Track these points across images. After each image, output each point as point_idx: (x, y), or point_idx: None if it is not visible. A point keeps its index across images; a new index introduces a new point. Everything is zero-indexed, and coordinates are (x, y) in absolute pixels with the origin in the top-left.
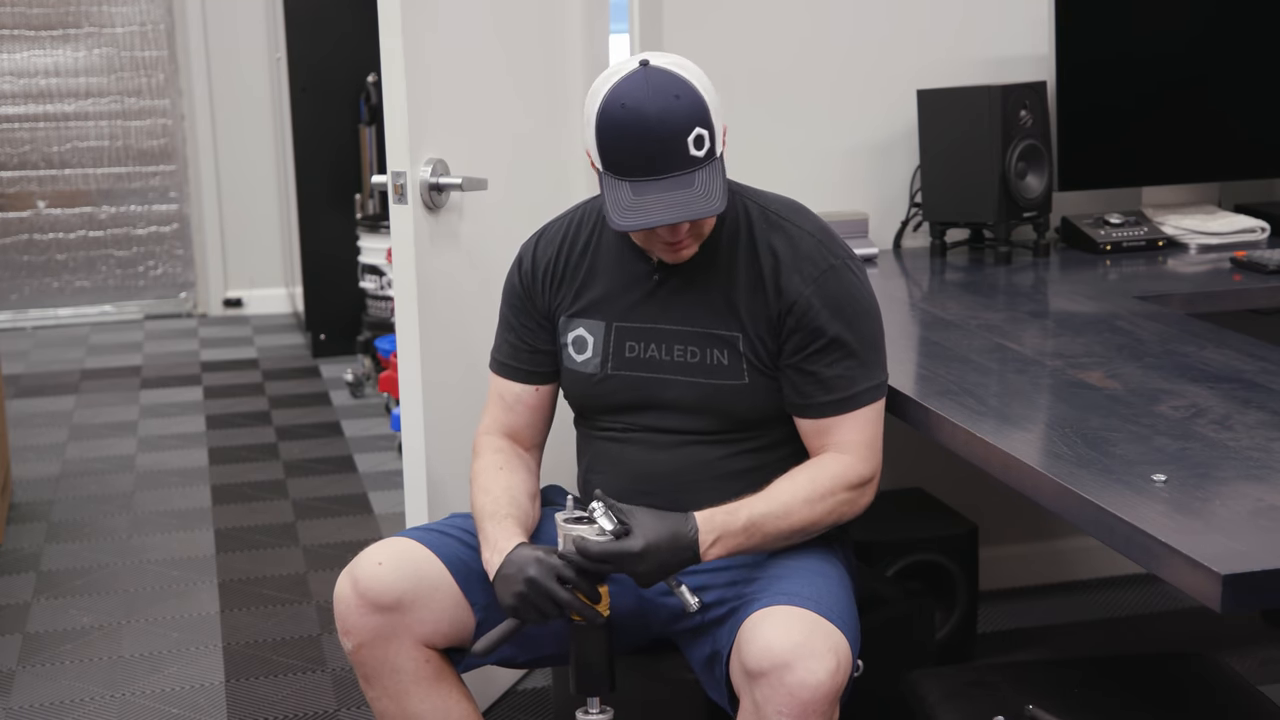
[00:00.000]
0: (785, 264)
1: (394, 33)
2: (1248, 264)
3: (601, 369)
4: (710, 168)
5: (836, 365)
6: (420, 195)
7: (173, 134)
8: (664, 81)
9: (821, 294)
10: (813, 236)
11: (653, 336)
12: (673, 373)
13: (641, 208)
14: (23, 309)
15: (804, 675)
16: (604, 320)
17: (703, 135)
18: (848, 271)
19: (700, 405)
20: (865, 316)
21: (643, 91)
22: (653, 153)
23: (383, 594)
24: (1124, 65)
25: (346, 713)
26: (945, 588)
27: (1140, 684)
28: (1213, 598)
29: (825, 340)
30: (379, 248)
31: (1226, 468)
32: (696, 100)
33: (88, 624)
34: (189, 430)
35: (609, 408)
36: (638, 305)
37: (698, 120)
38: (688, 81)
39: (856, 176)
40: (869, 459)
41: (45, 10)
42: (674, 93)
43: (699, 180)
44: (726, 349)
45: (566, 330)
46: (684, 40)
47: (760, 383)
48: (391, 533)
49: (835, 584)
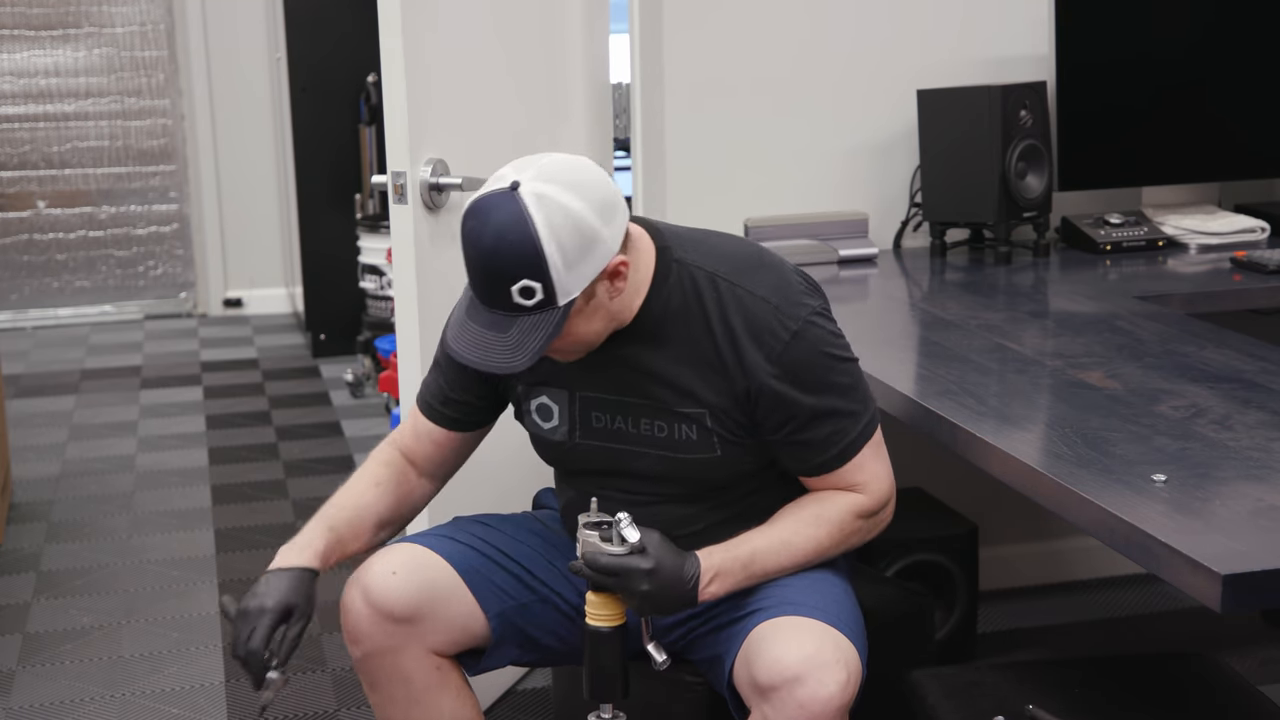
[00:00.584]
0: (743, 342)
1: (394, 33)
2: (1248, 264)
3: (570, 437)
4: (535, 320)
5: (823, 428)
6: (420, 195)
7: (173, 134)
8: (508, 220)
9: (789, 372)
10: (768, 302)
11: (617, 409)
12: (641, 445)
13: (461, 330)
14: (23, 309)
15: (815, 689)
16: (567, 390)
17: (531, 288)
18: (811, 330)
19: (672, 475)
20: (838, 373)
21: (487, 220)
22: (480, 282)
23: (396, 605)
24: (1124, 65)
25: (346, 713)
26: (945, 588)
27: (1140, 684)
28: (1213, 598)
29: (805, 416)
30: (379, 248)
31: (1226, 468)
32: (531, 253)
33: (88, 624)
34: (189, 430)
35: (581, 471)
36: (598, 377)
37: (527, 272)
38: (531, 229)
39: (856, 176)
40: (879, 490)
41: (45, 10)
42: (510, 237)
43: (517, 329)
44: (694, 425)
45: (529, 397)
46: (684, 40)
47: (734, 453)
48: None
49: (840, 591)
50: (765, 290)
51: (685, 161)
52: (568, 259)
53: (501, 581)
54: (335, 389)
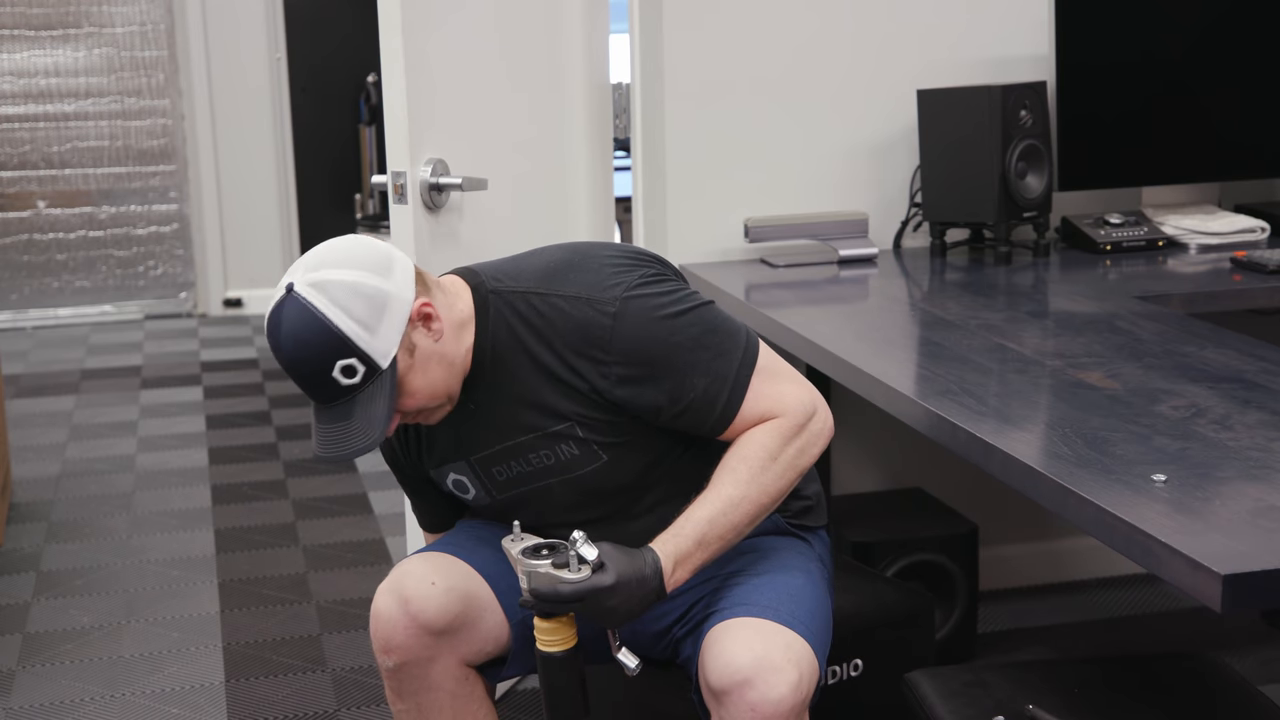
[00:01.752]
0: (573, 348)
1: (394, 33)
2: (1248, 264)
3: (490, 498)
4: (370, 392)
5: (696, 384)
6: (420, 195)
7: (173, 134)
8: (295, 320)
9: (626, 354)
10: (579, 298)
11: (509, 455)
12: (543, 479)
13: (319, 436)
14: (23, 309)
15: (765, 691)
16: (463, 458)
17: (351, 365)
18: (631, 305)
19: (580, 499)
20: (681, 330)
21: (279, 329)
22: (305, 388)
23: (437, 617)
24: (1124, 65)
25: (346, 713)
26: (945, 588)
27: (1140, 684)
28: (1213, 598)
29: (667, 385)
30: None
31: (1226, 468)
32: (329, 338)
33: (88, 624)
34: (189, 430)
35: (519, 518)
36: (476, 436)
37: (336, 354)
38: (319, 317)
39: (856, 176)
40: (794, 403)
41: (45, 10)
42: (304, 337)
43: (358, 411)
44: (569, 440)
45: (443, 479)
46: (684, 40)
47: (620, 452)
48: (392, 533)
49: (799, 587)
50: (576, 289)
51: (685, 161)
52: (367, 325)
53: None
54: None
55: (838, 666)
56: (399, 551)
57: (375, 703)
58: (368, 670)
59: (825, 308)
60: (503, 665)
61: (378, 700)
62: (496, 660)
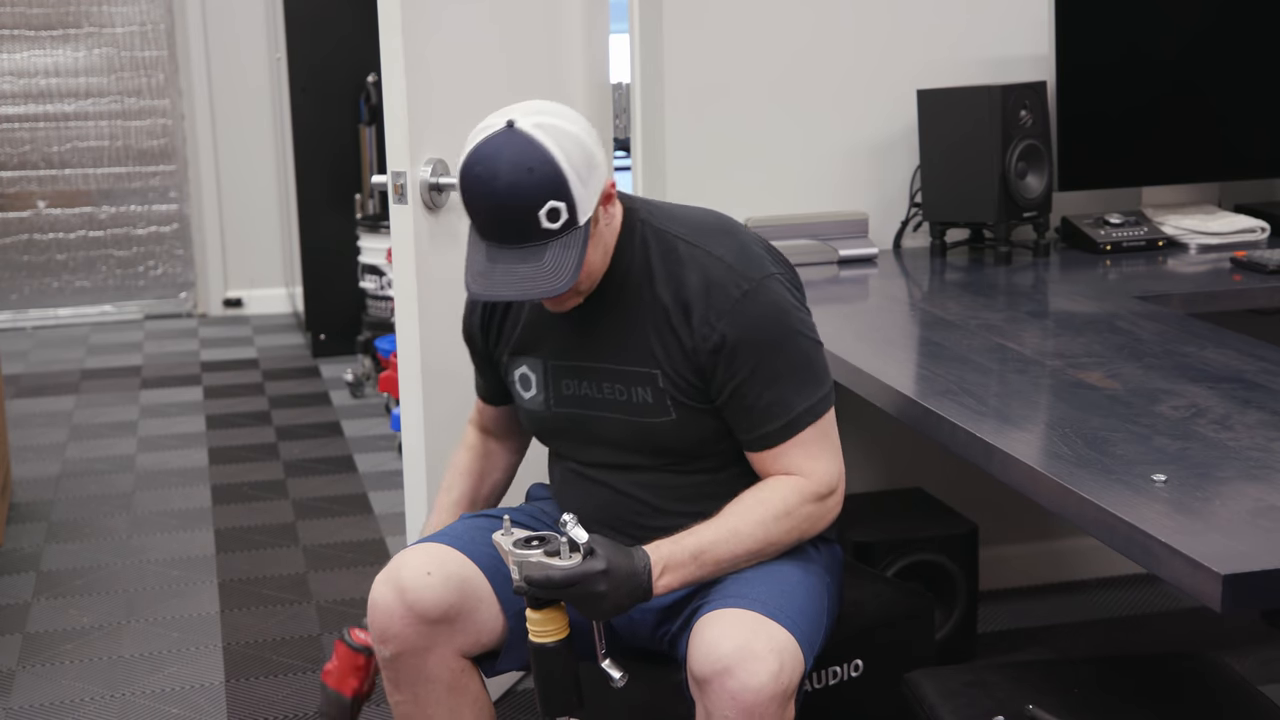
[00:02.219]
0: (694, 299)
1: (394, 33)
2: (1248, 264)
3: (546, 406)
4: (565, 241)
5: (766, 394)
6: (420, 195)
7: (173, 134)
8: (520, 150)
9: (735, 326)
10: (722, 261)
11: (583, 374)
12: (606, 410)
13: (491, 275)
14: (23, 309)
15: (745, 679)
16: (541, 358)
17: (557, 209)
18: (766, 291)
19: (633, 442)
20: (789, 336)
21: (497, 159)
22: (503, 222)
23: (432, 606)
24: (1124, 65)
25: None
26: (945, 588)
27: (1140, 684)
28: (1213, 598)
29: (747, 373)
30: (379, 248)
31: (1226, 468)
32: (551, 173)
33: (88, 624)
34: (189, 430)
35: (561, 440)
36: (564, 343)
37: (552, 194)
38: (546, 151)
39: (856, 176)
40: (825, 475)
41: (45, 10)
42: (528, 165)
43: (550, 256)
44: (648, 386)
45: (511, 369)
46: (684, 40)
47: (688, 417)
48: (392, 533)
49: (794, 583)
50: (722, 251)
51: (685, 161)
52: (580, 176)
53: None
54: (335, 389)
55: (838, 666)
56: (399, 551)
57: (375, 702)
58: None
59: (825, 308)
60: (497, 659)
61: (377, 700)
62: (492, 654)
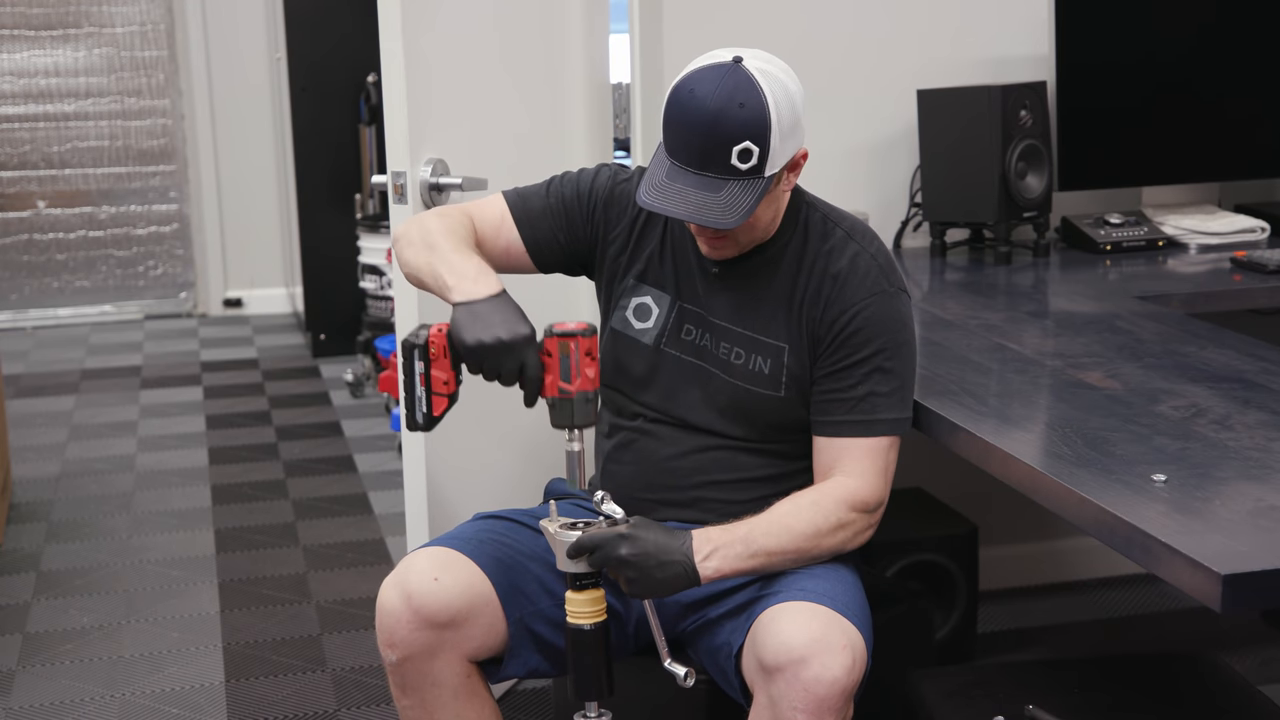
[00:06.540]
0: (841, 283)
1: (394, 33)
2: (1248, 264)
3: (656, 342)
4: (747, 184)
5: (863, 386)
6: (420, 195)
7: (173, 134)
8: (738, 84)
9: (867, 315)
10: (875, 260)
11: (709, 327)
12: (716, 367)
13: (666, 192)
14: (23, 309)
15: (820, 671)
16: (671, 295)
17: (750, 151)
18: (899, 302)
19: (729, 407)
20: (903, 349)
21: (714, 85)
22: (697, 145)
23: (439, 611)
24: (1124, 65)
25: (346, 713)
26: (945, 588)
27: (1140, 684)
28: (1213, 598)
29: (859, 358)
30: (379, 248)
31: (1226, 468)
32: (759, 116)
33: (88, 624)
34: (189, 430)
35: (644, 383)
36: (699, 291)
37: (752, 135)
38: (761, 94)
39: (856, 176)
40: (877, 487)
41: (45, 10)
42: (740, 99)
43: (728, 190)
44: (770, 358)
45: (632, 294)
46: (684, 40)
47: (794, 398)
48: (392, 533)
49: (850, 583)
50: (875, 251)
51: None
52: (783, 130)
53: (524, 585)
54: (335, 389)
55: None
56: (399, 552)
57: (375, 703)
58: (368, 670)
59: None
60: (500, 665)
61: (377, 700)
62: (495, 660)
